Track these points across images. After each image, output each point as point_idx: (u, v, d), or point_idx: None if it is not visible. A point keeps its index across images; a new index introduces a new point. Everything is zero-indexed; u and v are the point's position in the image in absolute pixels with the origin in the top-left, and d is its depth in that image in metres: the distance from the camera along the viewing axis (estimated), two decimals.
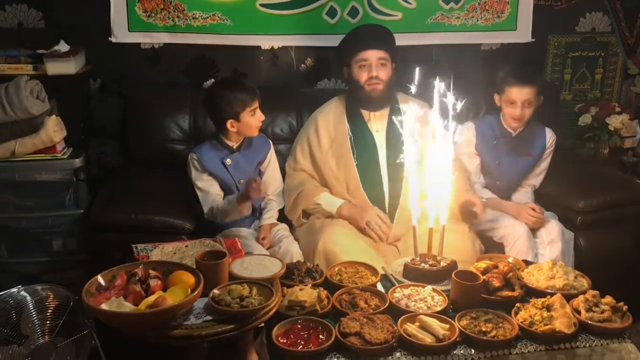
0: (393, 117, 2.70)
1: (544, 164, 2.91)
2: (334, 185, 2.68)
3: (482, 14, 3.30)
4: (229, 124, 2.56)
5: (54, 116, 2.70)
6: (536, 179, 2.92)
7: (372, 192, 2.65)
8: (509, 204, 2.78)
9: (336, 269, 2.18)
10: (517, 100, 2.70)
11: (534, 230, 2.65)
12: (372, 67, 2.62)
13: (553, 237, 2.61)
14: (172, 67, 3.15)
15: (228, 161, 2.59)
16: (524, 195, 2.88)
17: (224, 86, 2.59)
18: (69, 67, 2.79)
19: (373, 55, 2.63)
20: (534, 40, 3.37)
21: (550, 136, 2.89)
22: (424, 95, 2.30)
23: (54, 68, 2.77)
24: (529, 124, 2.82)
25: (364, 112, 2.73)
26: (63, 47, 2.84)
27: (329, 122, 2.75)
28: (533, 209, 2.66)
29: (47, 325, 1.90)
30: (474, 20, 3.30)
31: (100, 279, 1.79)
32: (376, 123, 2.73)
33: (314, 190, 2.67)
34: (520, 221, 2.63)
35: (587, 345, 1.83)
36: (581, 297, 1.95)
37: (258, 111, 2.57)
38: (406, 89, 2.60)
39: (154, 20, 3.02)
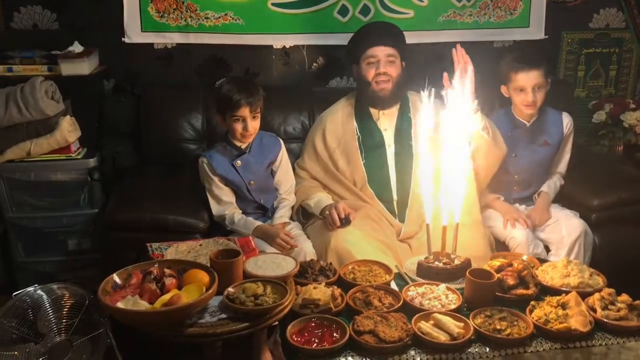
0: (404, 114, 2.71)
1: (566, 151, 2.88)
2: (342, 184, 2.68)
3: (494, 11, 3.28)
4: (217, 117, 2.59)
5: (68, 116, 2.72)
6: (560, 165, 2.89)
7: (379, 190, 2.65)
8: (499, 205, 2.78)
9: (350, 267, 2.18)
10: (527, 85, 2.65)
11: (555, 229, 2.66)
12: (380, 63, 2.62)
13: (572, 241, 2.60)
14: (185, 67, 3.17)
15: (238, 163, 2.58)
16: (552, 185, 2.85)
17: (229, 80, 2.59)
18: (83, 67, 2.82)
19: (381, 51, 2.62)
20: (547, 37, 3.35)
21: (567, 122, 2.85)
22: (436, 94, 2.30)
23: (68, 69, 2.79)
24: (544, 111, 2.78)
25: (373, 111, 2.73)
26: (77, 47, 2.86)
27: (336, 122, 2.75)
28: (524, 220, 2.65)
29: (63, 323, 1.91)
30: (486, 18, 3.29)
31: (115, 277, 1.81)
32: (385, 121, 2.73)
33: (307, 190, 2.68)
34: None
35: (603, 343, 1.82)
36: (597, 295, 1.93)
37: (249, 122, 2.51)
38: (417, 88, 2.60)
39: (166, 20, 3.04)
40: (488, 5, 3.27)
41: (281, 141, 2.74)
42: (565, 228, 2.63)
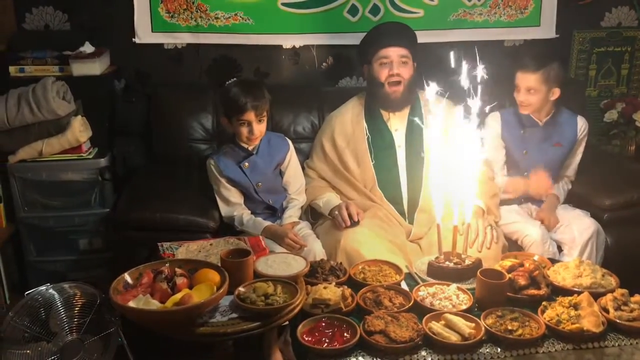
0: (415, 115, 2.70)
1: (577, 154, 2.87)
2: (351, 185, 2.68)
3: (505, 10, 3.27)
4: (224, 120, 2.59)
5: (79, 116, 2.74)
6: (569, 169, 2.89)
7: (389, 192, 2.64)
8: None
9: (360, 267, 2.17)
10: (520, 85, 2.71)
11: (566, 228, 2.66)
12: (394, 64, 2.60)
13: (584, 241, 2.58)
14: (195, 67, 3.17)
15: (246, 165, 2.57)
16: (559, 188, 2.85)
17: (235, 83, 2.57)
18: (94, 68, 2.83)
19: (394, 52, 2.61)
20: (558, 36, 3.33)
21: (582, 125, 2.84)
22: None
23: (79, 69, 2.81)
24: (559, 112, 2.79)
25: (383, 112, 2.72)
26: (88, 48, 2.88)
27: (346, 122, 2.74)
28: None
29: (75, 322, 1.92)
30: (496, 17, 3.28)
31: (127, 276, 1.81)
32: (395, 122, 2.71)
33: (316, 190, 2.68)
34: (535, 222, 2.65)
35: (616, 344, 1.80)
36: (609, 296, 1.92)
37: (254, 126, 2.50)
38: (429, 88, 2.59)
39: (177, 20, 3.05)
40: (498, 4, 3.25)
41: (289, 142, 2.74)
42: (577, 228, 2.61)
